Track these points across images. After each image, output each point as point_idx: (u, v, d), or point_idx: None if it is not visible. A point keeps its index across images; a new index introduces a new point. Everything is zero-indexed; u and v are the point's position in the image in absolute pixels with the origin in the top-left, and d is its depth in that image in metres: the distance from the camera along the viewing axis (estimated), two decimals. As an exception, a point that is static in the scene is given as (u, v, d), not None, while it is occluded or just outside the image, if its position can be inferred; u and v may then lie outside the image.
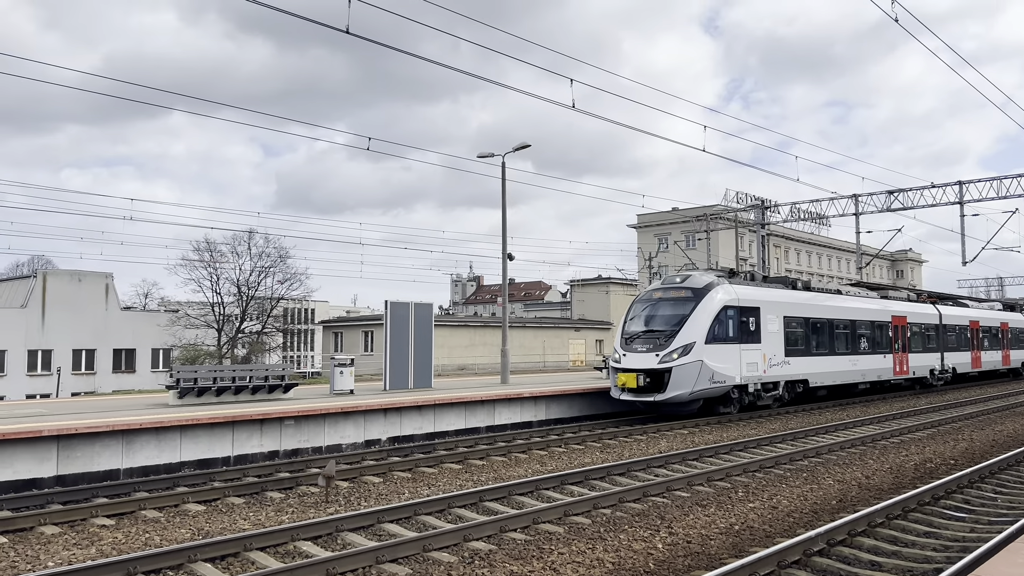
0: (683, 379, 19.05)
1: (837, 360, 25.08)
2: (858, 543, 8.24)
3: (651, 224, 77.87)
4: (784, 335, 22.44)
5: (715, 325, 19.79)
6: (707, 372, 19.40)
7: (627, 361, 19.83)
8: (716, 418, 20.59)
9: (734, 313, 20.51)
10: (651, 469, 13.08)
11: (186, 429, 13.80)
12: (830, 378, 24.75)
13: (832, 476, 12.40)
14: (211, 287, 52.34)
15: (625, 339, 20.52)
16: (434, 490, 11.51)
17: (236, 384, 18.38)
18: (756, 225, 43.96)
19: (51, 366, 48.39)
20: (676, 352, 19.16)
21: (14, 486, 11.71)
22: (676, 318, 19.95)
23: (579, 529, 8.95)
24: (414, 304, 22.39)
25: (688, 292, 20.44)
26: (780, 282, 25.53)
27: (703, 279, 20.97)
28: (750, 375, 20.94)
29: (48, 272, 53.85)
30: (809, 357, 23.62)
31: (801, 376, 23.11)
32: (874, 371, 27.20)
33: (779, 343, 22.18)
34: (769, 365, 21.62)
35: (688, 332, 19.45)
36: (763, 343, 21.41)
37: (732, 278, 22.13)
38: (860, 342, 26.59)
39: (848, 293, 28.58)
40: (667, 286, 21.44)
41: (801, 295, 24.66)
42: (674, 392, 19.00)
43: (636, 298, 22.18)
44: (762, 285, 23.59)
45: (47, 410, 16.83)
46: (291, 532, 8.55)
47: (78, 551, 8.34)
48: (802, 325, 23.51)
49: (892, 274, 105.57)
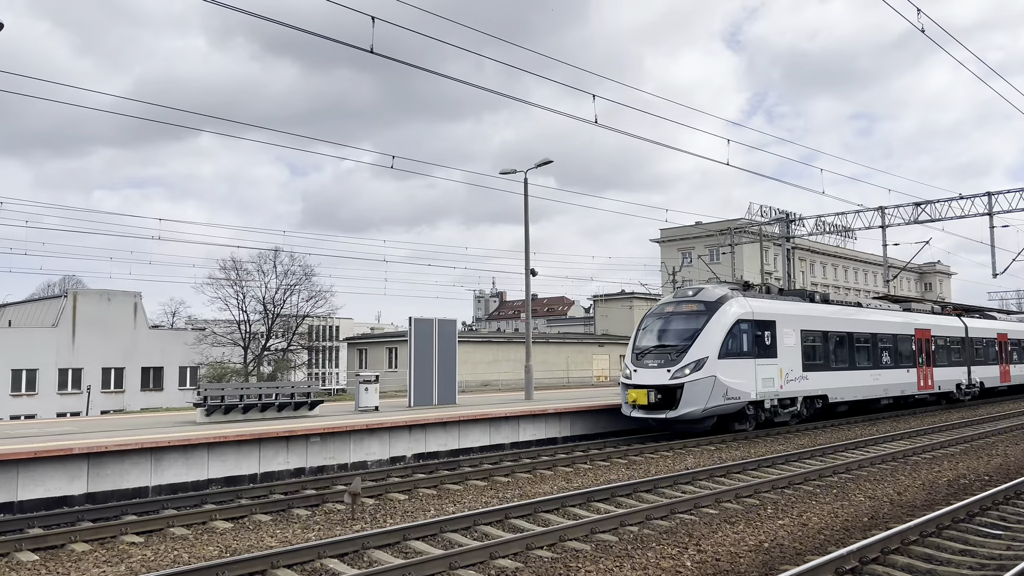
0: (696, 395, 18.47)
1: (858, 375, 24.35)
2: (891, 561, 8.09)
3: (674, 239, 77.64)
4: (802, 349, 21.80)
5: (728, 339, 19.25)
6: (721, 388, 18.83)
7: (638, 377, 19.30)
8: (743, 434, 20.31)
9: (748, 327, 19.96)
10: (678, 486, 12.96)
11: (213, 446, 13.90)
12: (850, 393, 23.98)
13: (863, 492, 12.20)
14: (237, 305, 52.96)
15: (636, 354, 20.02)
16: (460, 507, 11.48)
17: (262, 401, 18.51)
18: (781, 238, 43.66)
19: (81, 384, 49.08)
20: (688, 367, 18.60)
21: (45, 503, 11.86)
22: (688, 332, 19.40)
23: (606, 547, 8.88)
24: (438, 320, 22.43)
25: (700, 306, 19.87)
26: (797, 295, 24.95)
27: (716, 292, 20.43)
28: (766, 391, 20.31)
29: (78, 292, 54.79)
30: (828, 372, 22.95)
31: (820, 392, 22.42)
32: (897, 386, 26.42)
33: (796, 358, 21.55)
34: (786, 380, 21.01)
35: (700, 347, 18.90)
36: (779, 357, 20.80)
37: (747, 291, 21.64)
38: (882, 356, 25.81)
39: (869, 306, 27.86)
40: (679, 300, 20.86)
41: (819, 308, 23.99)
42: (686, 409, 18.42)
43: (648, 312, 21.72)
44: (778, 298, 23.05)
45: (77, 428, 17.04)
46: (318, 550, 8.56)
47: (108, 568, 8.41)
48: (820, 339, 22.89)
49: (920, 287, 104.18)
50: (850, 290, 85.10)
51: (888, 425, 23.54)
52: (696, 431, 19.40)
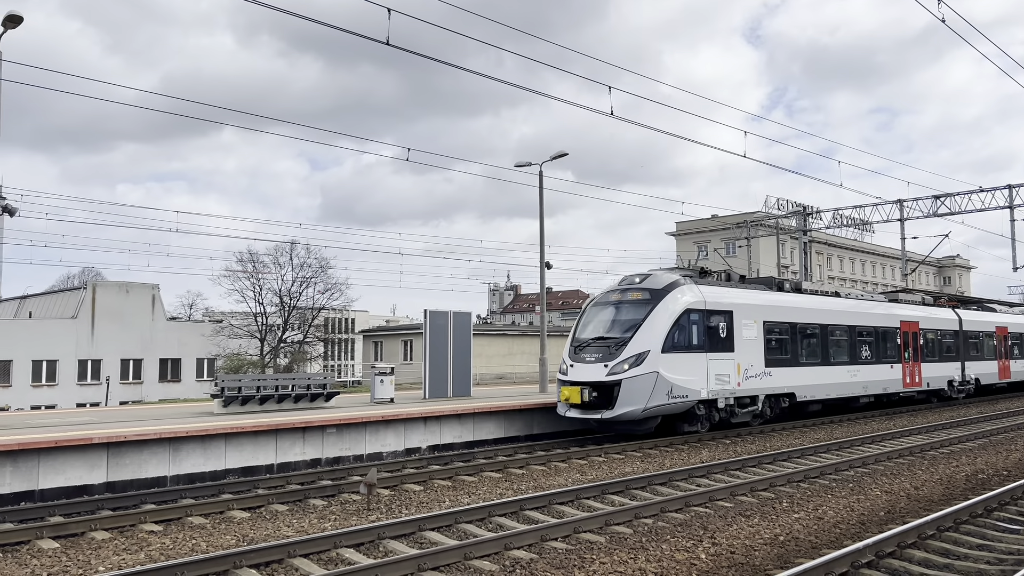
0: (634, 393, 16.61)
1: (832, 371, 22.35)
2: (908, 555, 8.04)
3: (690, 231, 77.28)
4: (764, 342, 19.86)
5: (675, 331, 17.37)
6: (664, 385, 16.92)
7: (574, 372, 17.49)
8: (759, 428, 20.18)
9: (699, 317, 18.04)
10: (693, 479, 12.94)
11: (231, 437, 14.02)
12: (822, 391, 21.95)
13: (879, 487, 12.14)
14: (254, 297, 53.35)
15: (574, 347, 18.08)
16: (474, 498, 11.52)
17: (279, 393, 18.64)
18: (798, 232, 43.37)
19: (100, 375, 49.59)
20: (627, 362, 16.76)
21: (66, 492, 12.02)
22: (629, 324, 17.50)
23: (621, 539, 8.89)
24: (453, 313, 22.49)
25: (646, 294, 17.94)
26: (763, 283, 22.74)
27: (664, 279, 18.50)
28: (720, 388, 18.31)
29: (97, 284, 55.31)
30: (796, 368, 20.96)
31: (786, 389, 20.46)
32: (878, 383, 24.36)
33: (758, 351, 19.61)
34: (745, 377, 19.07)
35: (641, 339, 17.03)
36: (737, 351, 18.88)
37: (703, 278, 19.90)
38: (861, 350, 23.79)
39: (849, 296, 26.01)
40: (624, 287, 18.77)
41: (786, 297, 21.91)
42: (624, 408, 16.58)
43: (590, 300, 19.76)
44: (738, 286, 20.98)
45: (97, 418, 17.23)
46: (334, 539, 8.62)
47: (127, 556, 8.51)
48: (787, 332, 20.91)
49: (939, 281, 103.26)
50: (868, 284, 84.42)
51: (906, 419, 23.37)
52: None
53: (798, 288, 23.37)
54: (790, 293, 22.51)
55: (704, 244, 74.87)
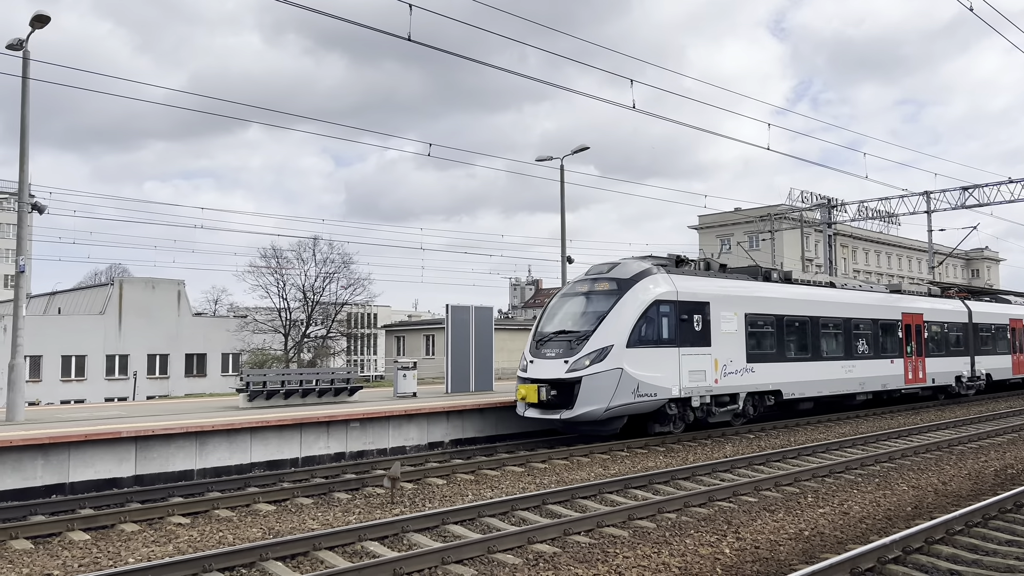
0: (596, 392, 15.38)
1: (823, 366, 20.91)
2: (936, 551, 7.96)
3: (713, 225, 76.78)
4: (746, 336, 18.50)
5: (642, 324, 16.12)
6: (629, 382, 15.66)
7: (533, 369, 16.33)
8: (783, 422, 20.02)
9: (671, 309, 16.71)
10: (716, 473, 12.89)
11: (256, 431, 14.17)
12: (812, 388, 20.53)
13: (906, 482, 12.01)
14: (278, 293, 53.78)
15: (535, 343, 16.96)
16: (497, 492, 11.56)
17: (303, 387, 18.78)
18: (822, 224, 42.96)
19: (127, 370, 50.28)
20: (588, 358, 15.57)
21: (96, 485, 12.21)
22: (593, 317, 16.32)
23: (644, 533, 8.88)
24: (474, 308, 22.51)
25: (612, 284, 16.67)
26: (748, 272, 21.15)
27: (633, 268, 17.18)
28: (694, 386, 16.97)
29: (124, 280, 56.06)
30: (783, 363, 19.57)
31: (771, 386, 19.08)
32: (877, 379, 22.88)
33: (739, 346, 18.26)
34: (723, 373, 17.73)
35: (605, 333, 15.82)
36: (714, 346, 17.56)
37: (679, 267, 18.56)
38: (857, 344, 22.34)
39: (845, 286, 24.37)
40: (591, 277, 17.51)
41: (771, 288, 20.45)
42: (585, 408, 15.37)
43: (557, 292, 18.51)
44: (718, 276, 19.41)
45: (125, 412, 17.48)
46: (358, 532, 8.69)
47: (156, 548, 8.64)
48: (773, 325, 19.50)
49: (967, 273, 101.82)
50: (893, 277, 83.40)
51: (933, 414, 23.10)
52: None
53: (788, 278, 21.91)
54: (778, 283, 21.15)
55: (727, 238, 74.35)
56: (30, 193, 17.21)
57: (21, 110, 16.79)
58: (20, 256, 17.05)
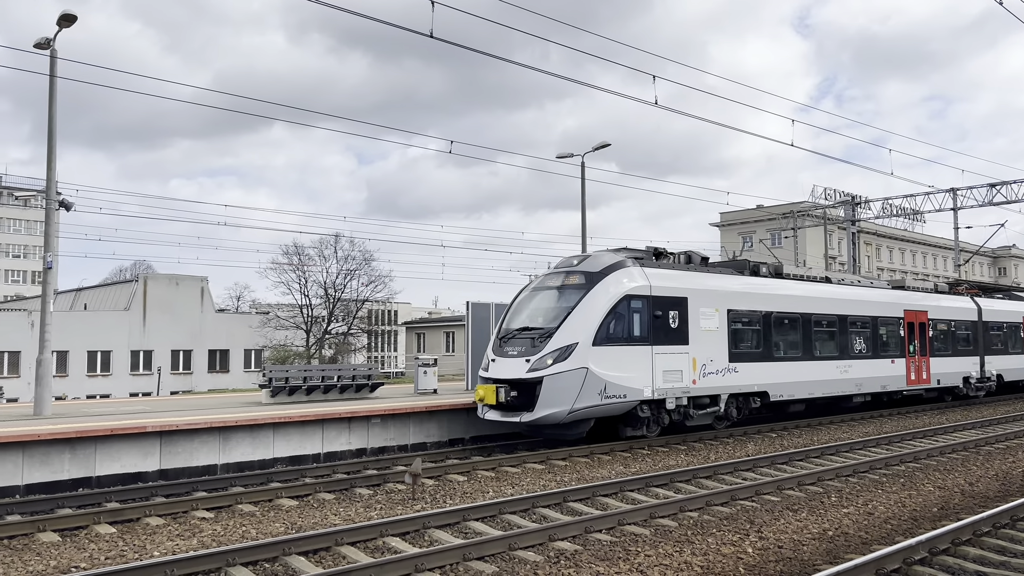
0: (558, 393, 14.41)
1: (816, 366, 19.80)
2: (963, 552, 7.86)
3: (735, 222, 76.21)
4: (729, 334, 17.44)
5: (611, 321, 15.14)
6: (595, 383, 14.67)
7: (495, 369, 15.41)
8: (806, 421, 19.83)
9: (643, 305, 15.71)
10: (739, 472, 12.81)
11: (278, 427, 14.27)
12: (803, 389, 19.38)
13: (932, 482, 11.87)
14: (299, 289, 54.15)
15: (499, 340, 16.03)
16: (518, 489, 11.56)
17: (325, 384, 18.91)
18: (846, 222, 42.53)
19: (152, 366, 50.87)
20: (551, 356, 14.62)
21: (121, 478, 12.38)
22: (559, 312, 15.38)
23: (666, 531, 8.84)
24: (494, 305, 22.50)
25: (580, 278, 15.73)
26: (734, 266, 20.03)
27: (604, 260, 16.18)
28: (669, 387, 15.93)
29: (148, 276, 56.68)
30: (770, 363, 18.47)
31: (756, 387, 17.94)
32: (875, 380, 21.68)
33: (720, 344, 17.22)
34: (702, 373, 16.67)
35: (569, 330, 14.85)
36: (693, 344, 16.52)
37: (657, 260, 17.37)
38: (854, 343, 21.18)
39: (843, 281, 23.17)
40: (559, 270, 16.56)
41: (758, 282, 19.27)
42: (546, 410, 14.41)
43: (525, 286, 17.48)
44: (699, 269, 18.15)
45: (150, 407, 17.68)
46: (380, 528, 8.73)
47: (181, 542, 8.73)
48: (759, 322, 18.38)
49: (994, 271, 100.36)
50: (918, 275, 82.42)
51: (959, 414, 22.81)
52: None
53: (779, 273, 20.65)
54: (766, 278, 19.87)
55: (749, 235, 73.78)
56: (57, 191, 17.43)
57: (49, 108, 17.01)
58: (48, 253, 17.30)
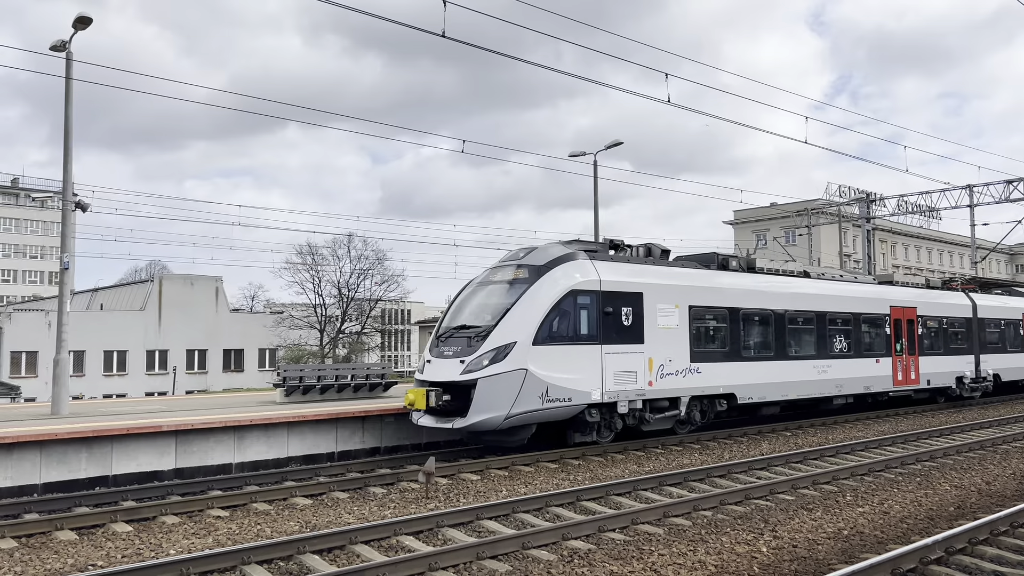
0: (494, 396, 13.32)
1: (790, 366, 18.55)
2: (980, 552, 7.80)
3: (748, 220, 75.83)
4: (690, 332, 16.30)
5: (554, 318, 14.02)
6: (536, 385, 13.56)
7: (429, 371, 14.41)
8: (820, 420, 19.71)
9: (592, 301, 14.57)
10: (753, 471, 12.76)
11: (293, 426, 14.33)
12: (776, 391, 18.13)
13: (948, 481, 11.78)
14: (313, 289, 54.34)
15: (436, 339, 14.98)
16: (531, 488, 11.56)
17: (338, 383, 18.97)
18: (861, 219, 42.23)
19: (167, 365, 51.22)
20: (486, 357, 13.52)
21: (137, 477, 12.47)
22: (498, 309, 14.30)
23: (679, 531, 8.82)
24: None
25: (524, 272, 14.66)
26: (699, 260, 18.47)
27: (551, 253, 15.09)
28: (621, 389, 14.79)
29: (163, 276, 57.12)
30: (737, 363, 17.28)
31: (721, 389, 16.80)
32: (857, 381, 20.34)
33: (680, 343, 16.05)
34: (660, 374, 15.53)
35: (507, 328, 13.74)
36: (648, 343, 15.36)
37: (612, 252, 16.42)
38: (834, 341, 19.94)
39: (822, 276, 21.69)
40: (504, 263, 15.55)
41: (724, 277, 18.04)
42: (479, 416, 13.32)
43: (470, 281, 16.42)
44: (658, 263, 16.84)
45: (165, 407, 17.80)
46: (393, 527, 8.76)
47: (196, 540, 8.79)
48: (725, 319, 17.22)
49: (1011, 269, 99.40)
50: (934, 272, 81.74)
51: (976, 413, 22.62)
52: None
53: (751, 267, 19.37)
54: (736, 272, 18.73)
55: (763, 233, 73.41)
56: (73, 192, 17.58)
57: (64, 110, 17.15)
58: (64, 253, 17.45)
